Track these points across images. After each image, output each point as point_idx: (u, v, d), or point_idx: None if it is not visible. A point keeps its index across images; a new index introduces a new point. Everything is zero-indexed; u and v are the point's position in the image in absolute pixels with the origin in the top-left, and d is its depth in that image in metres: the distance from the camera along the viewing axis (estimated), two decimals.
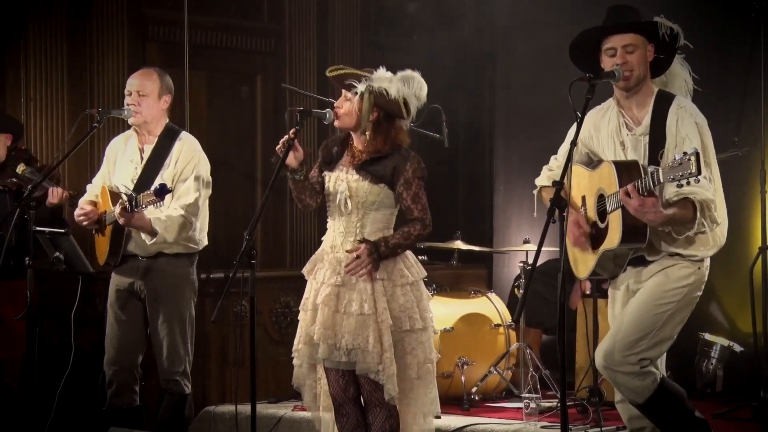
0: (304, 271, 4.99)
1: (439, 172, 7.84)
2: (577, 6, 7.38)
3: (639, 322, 4.57)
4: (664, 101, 4.62)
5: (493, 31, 8.70)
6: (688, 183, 4.15)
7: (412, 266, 4.89)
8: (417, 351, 4.83)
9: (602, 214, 4.63)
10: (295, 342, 4.96)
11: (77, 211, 5.83)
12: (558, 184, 4.27)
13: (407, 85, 4.82)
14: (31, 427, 5.95)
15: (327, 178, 4.94)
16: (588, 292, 6.68)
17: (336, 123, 4.89)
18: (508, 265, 8.44)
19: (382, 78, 4.84)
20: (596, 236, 4.66)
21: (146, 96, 5.75)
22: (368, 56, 8.24)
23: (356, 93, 4.80)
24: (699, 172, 4.09)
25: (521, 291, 7.01)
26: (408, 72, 4.89)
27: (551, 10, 7.82)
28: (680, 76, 4.76)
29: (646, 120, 4.62)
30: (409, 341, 4.83)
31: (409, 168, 4.82)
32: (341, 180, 4.87)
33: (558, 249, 4.29)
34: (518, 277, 7.18)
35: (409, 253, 4.91)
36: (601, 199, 4.63)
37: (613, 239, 4.54)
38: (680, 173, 4.13)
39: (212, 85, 7.76)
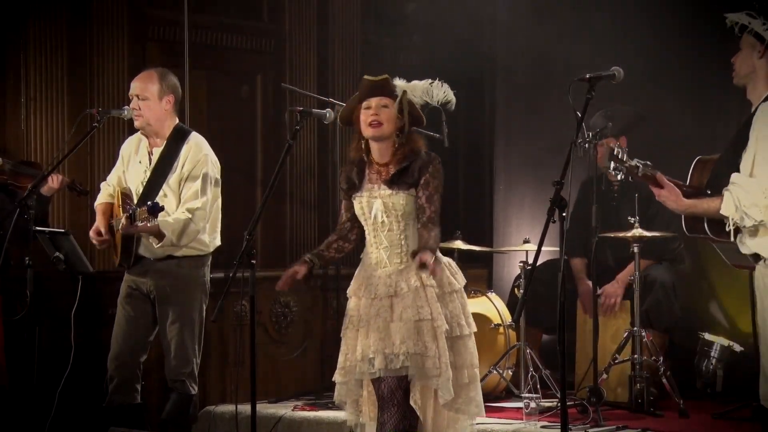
0: (350, 291, 4.94)
1: None
2: (578, 5, 7.38)
3: None
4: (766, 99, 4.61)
5: (493, 30, 8.69)
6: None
7: (456, 273, 4.92)
8: (465, 356, 4.84)
9: None
10: (341, 360, 4.88)
11: (93, 234, 5.82)
12: (558, 184, 4.27)
13: (430, 95, 4.85)
14: (31, 427, 5.95)
15: (357, 202, 4.91)
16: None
17: (373, 132, 4.81)
18: (508, 264, 8.43)
19: (412, 86, 4.86)
20: None
21: (146, 99, 5.74)
22: (368, 56, 8.24)
23: (397, 98, 4.81)
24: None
25: (521, 291, 7.01)
26: (429, 82, 4.90)
27: (552, 9, 7.81)
28: None
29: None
30: (458, 347, 4.84)
31: (432, 169, 4.83)
32: (374, 197, 4.85)
33: (558, 249, 4.28)
34: (518, 277, 7.18)
35: (451, 261, 4.94)
36: None
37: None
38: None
39: (212, 84, 7.75)
